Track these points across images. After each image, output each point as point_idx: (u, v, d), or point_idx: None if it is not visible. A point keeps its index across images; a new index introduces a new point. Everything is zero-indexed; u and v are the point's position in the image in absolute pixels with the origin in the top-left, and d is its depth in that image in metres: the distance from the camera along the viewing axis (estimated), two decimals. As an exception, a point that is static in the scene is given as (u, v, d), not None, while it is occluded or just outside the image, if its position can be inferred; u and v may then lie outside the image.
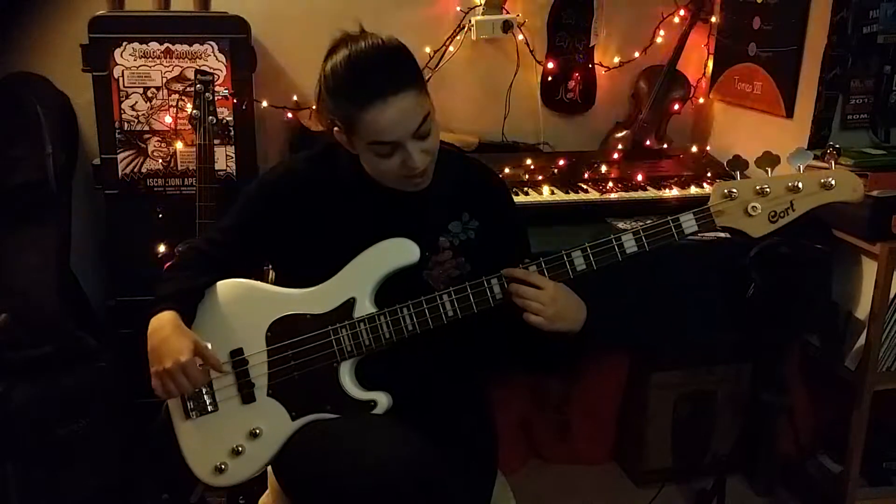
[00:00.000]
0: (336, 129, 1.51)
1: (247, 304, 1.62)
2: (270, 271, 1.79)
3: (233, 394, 1.59)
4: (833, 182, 1.46)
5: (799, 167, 1.49)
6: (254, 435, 1.57)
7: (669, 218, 1.50)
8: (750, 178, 1.50)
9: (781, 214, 1.48)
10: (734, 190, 1.49)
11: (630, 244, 1.51)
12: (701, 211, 1.50)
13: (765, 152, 1.49)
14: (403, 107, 1.43)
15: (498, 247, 1.63)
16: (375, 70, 1.44)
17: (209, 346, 1.54)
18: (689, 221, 1.51)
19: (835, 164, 1.51)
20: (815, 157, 1.59)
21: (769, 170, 1.49)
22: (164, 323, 1.53)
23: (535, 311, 1.48)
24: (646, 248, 1.51)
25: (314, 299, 1.58)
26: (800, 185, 1.46)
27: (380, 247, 1.55)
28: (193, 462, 1.61)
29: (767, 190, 1.47)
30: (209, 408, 1.59)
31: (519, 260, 1.54)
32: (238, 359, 1.59)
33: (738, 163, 1.52)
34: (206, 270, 1.63)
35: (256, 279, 1.66)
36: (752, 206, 1.48)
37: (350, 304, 1.55)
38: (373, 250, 1.55)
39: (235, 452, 1.57)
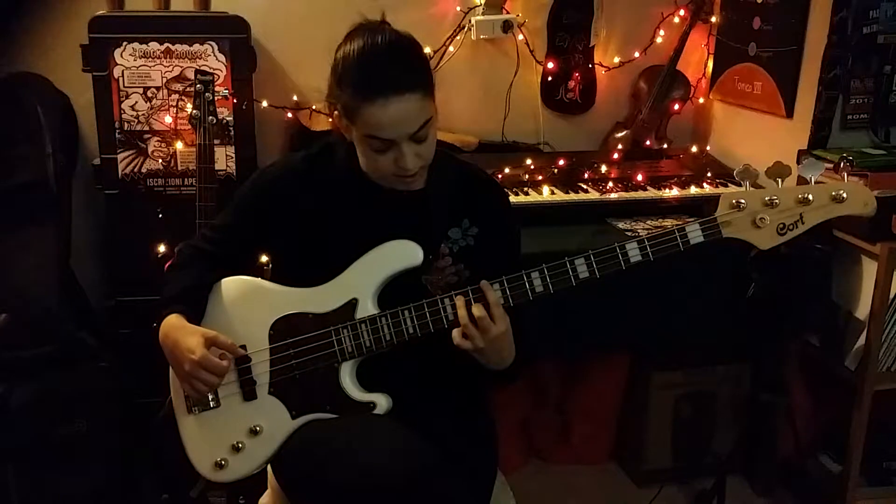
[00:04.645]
0: (336, 112, 1.51)
1: (251, 301, 1.62)
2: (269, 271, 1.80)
3: (235, 390, 1.59)
4: (845, 195, 1.42)
5: (810, 178, 1.45)
6: (254, 432, 1.57)
7: (675, 228, 1.48)
8: (759, 189, 1.46)
9: (790, 227, 1.45)
10: (742, 200, 1.45)
11: (634, 253, 1.48)
12: (707, 221, 1.47)
13: (776, 162, 1.45)
14: (405, 107, 1.42)
15: (494, 253, 1.62)
16: (385, 66, 1.43)
17: (217, 334, 1.54)
18: (695, 232, 1.48)
19: (847, 176, 1.47)
20: (828, 169, 1.55)
21: (780, 180, 1.45)
22: (169, 328, 1.55)
23: (470, 338, 1.45)
24: (650, 258, 1.48)
25: (318, 299, 1.57)
26: (810, 196, 1.43)
27: (384, 248, 1.55)
28: (195, 456, 1.62)
29: (777, 201, 1.44)
30: (211, 403, 1.60)
31: (510, 267, 1.53)
32: (241, 355, 1.59)
33: (748, 173, 1.48)
34: (209, 267, 1.65)
35: (257, 276, 1.67)
36: (761, 218, 1.45)
37: (352, 304, 1.55)
38: (377, 251, 1.55)
39: (236, 449, 1.58)
